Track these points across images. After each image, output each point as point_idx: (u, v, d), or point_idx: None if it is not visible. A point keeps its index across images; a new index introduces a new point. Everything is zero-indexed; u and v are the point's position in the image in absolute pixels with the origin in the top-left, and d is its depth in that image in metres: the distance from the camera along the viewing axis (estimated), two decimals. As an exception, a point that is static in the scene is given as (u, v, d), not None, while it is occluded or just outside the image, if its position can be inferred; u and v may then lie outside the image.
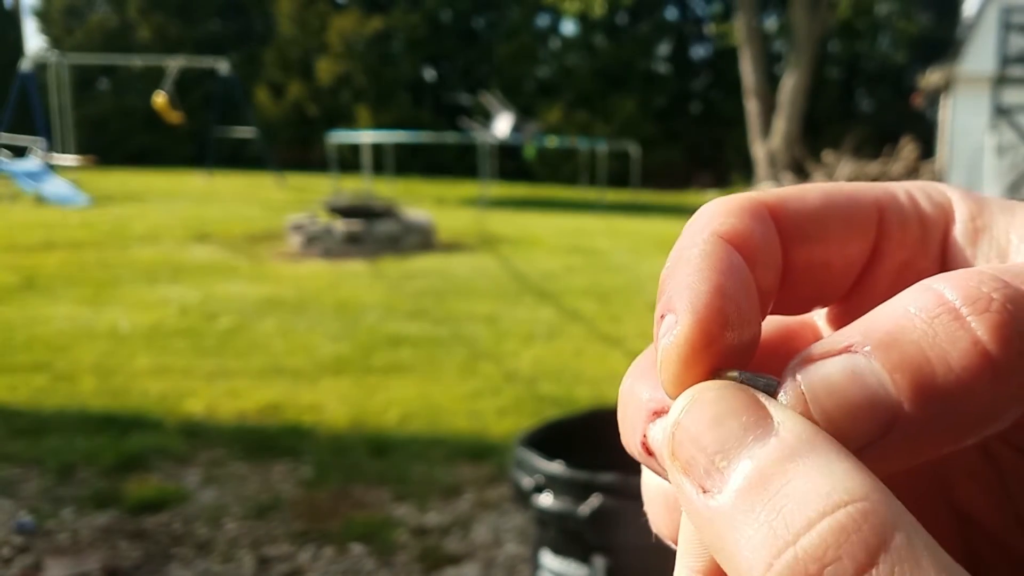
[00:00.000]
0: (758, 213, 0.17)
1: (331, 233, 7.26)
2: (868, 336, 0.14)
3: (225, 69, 14.53)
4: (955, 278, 0.14)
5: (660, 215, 11.42)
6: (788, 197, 0.17)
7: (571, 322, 4.81)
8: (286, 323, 4.58)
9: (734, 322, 0.15)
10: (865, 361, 0.14)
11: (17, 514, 2.34)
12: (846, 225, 0.17)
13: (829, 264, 0.17)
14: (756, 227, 0.17)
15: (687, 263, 0.16)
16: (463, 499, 2.48)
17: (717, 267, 0.16)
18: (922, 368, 0.13)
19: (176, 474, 2.62)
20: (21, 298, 5.10)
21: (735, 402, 0.14)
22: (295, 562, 2.13)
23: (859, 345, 0.14)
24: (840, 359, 0.14)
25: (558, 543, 1.49)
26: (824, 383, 0.14)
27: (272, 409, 3.21)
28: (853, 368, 0.14)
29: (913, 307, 0.14)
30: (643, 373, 0.17)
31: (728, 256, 0.16)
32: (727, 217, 0.17)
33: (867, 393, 0.14)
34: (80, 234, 7.73)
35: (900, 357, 0.14)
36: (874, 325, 0.14)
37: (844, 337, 0.14)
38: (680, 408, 0.15)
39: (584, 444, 1.70)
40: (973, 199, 0.18)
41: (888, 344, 0.14)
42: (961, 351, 0.13)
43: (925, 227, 0.18)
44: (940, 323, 0.13)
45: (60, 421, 3.01)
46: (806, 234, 0.17)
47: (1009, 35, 11.93)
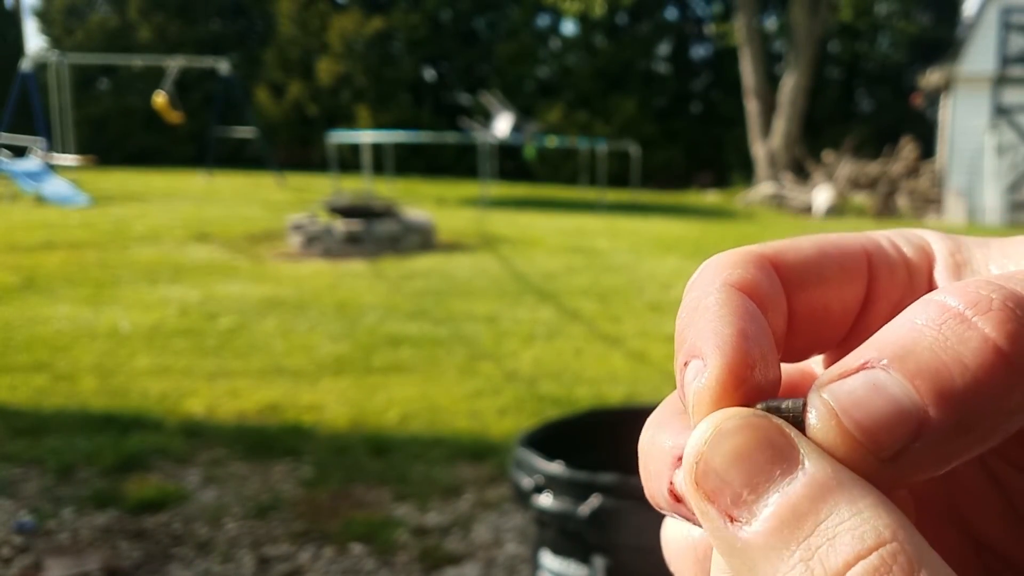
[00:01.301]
0: (761, 264, 0.18)
1: (331, 233, 7.26)
2: (882, 351, 0.15)
3: (225, 69, 14.53)
4: (953, 288, 0.15)
5: (660, 215, 11.41)
6: (785, 248, 0.18)
7: (571, 322, 4.80)
8: (286, 323, 4.58)
9: (759, 363, 0.16)
10: (884, 374, 0.14)
11: (17, 514, 2.34)
12: (841, 272, 0.18)
13: (828, 309, 0.18)
14: (763, 277, 0.17)
15: (706, 311, 0.16)
16: (463, 499, 2.48)
17: (736, 312, 0.16)
18: (940, 372, 0.14)
19: (176, 474, 2.62)
20: (21, 298, 5.10)
21: (758, 433, 0.15)
22: (295, 562, 2.13)
23: (875, 360, 0.14)
24: (860, 375, 0.15)
25: (558, 543, 1.49)
26: (851, 397, 0.14)
27: (272, 409, 3.21)
28: (875, 381, 0.14)
29: (919, 319, 0.15)
30: (662, 424, 0.17)
31: (744, 303, 0.17)
32: (735, 268, 0.17)
33: (893, 402, 0.14)
34: (80, 234, 7.73)
35: (917, 365, 0.14)
36: (886, 340, 0.15)
37: (859, 356, 0.15)
38: (702, 439, 0.15)
39: (584, 444, 1.70)
40: (950, 239, 0.19)
41: (903, 355, 0.14)
42: (974, 350, 0.14)
43: (911, 270, 0.19)
44: (949, 328, 0.14)
45: (60, 421, 3.01)
46: (805, 281, 0.18)
47: (1009, 35, 11.93)
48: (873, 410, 0.14)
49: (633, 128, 17.38)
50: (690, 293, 0.18)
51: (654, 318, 4.94)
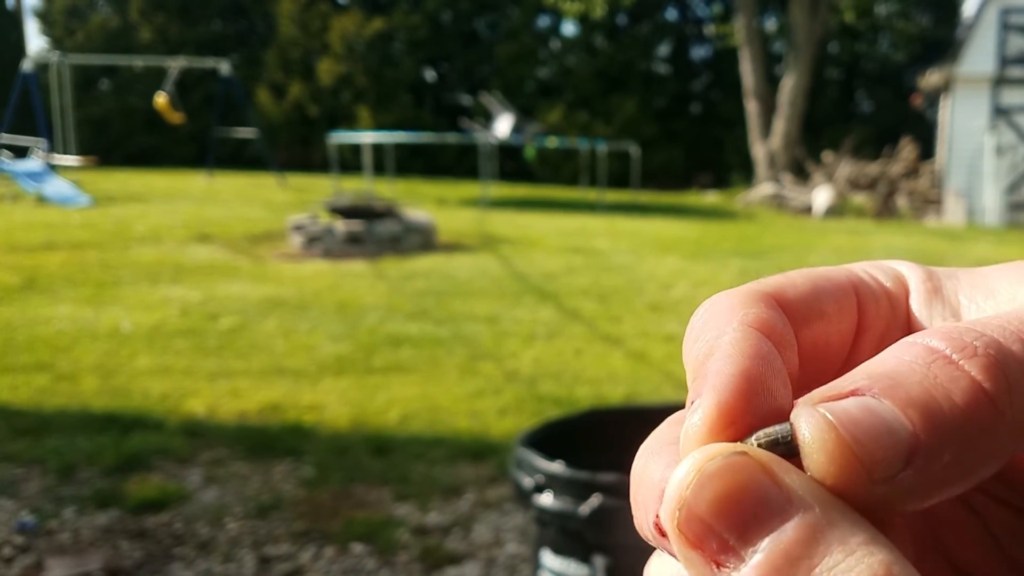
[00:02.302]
0: (769, 301, 0.18)
1: (332, 233, 7.26)
2: (873, 380, 0.15)
3: (226, 70, 14.53)
4: (938, 332, 0.15)
5: (660, 215, 11.41)
6: (783, 285, 0.19)
7: (571, 322, 4.81)
8: (287, 323, 4.58)
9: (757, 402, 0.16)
10: (876, 401, 0.15)
11: (19, 514, 2.34)
12: (837, 306, 0.19)
13: (829, 342, 0.19)
14: (776, 315, 0.18)
15: (718, 350, 0.17)
16: (464, 499, 2.48)
17: (746, 352, 0.16)
18: (930, 404, 0.14)
19: (177, 474, 2.62)
20: (23, 298, 5.11)
21: (742, 474, 0.14)
22: (296, 562, 2.13)
23: (865, 388, 0.15)
24: (852, 399, 0.15)
25: (558, 543, 1.49)
26: (847, 414, 0.15)
27: (273, 409, 3.21)
28: (867, 405, 0.15)
29: (907, 356, 0.15)
30: (653, 451, 0.17)
31: (759, 342, 0.17)
32: (751, 307, 0.17)
33: (886, 425, 0.14)
34: (81, 234, 7.74)
35: (908, 396, 0.14)
36: (875, 371, 0.15)
37: (848, 382, 0.15)
38: (684, 483, 0.15)
39: (584, 444, 1.70)
40: (921, 269, 0.20)
41: (894, 386, 0.15)
42: (962, 389, 0.14)
43: (891, 301, 0.19)
44: (937, 367, 0.15)
45: (61, 421, 3.01)
46: (807, 317, 0.18)
47: (1008, 36, 11.93)
48: (869, 429, 0.14)
49: (633, 129, 17.38)
50: (705, 331, 0.17)
51: (654, 318, 4.94)
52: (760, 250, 8.07)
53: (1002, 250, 8.87)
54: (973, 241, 9.67)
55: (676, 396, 3.44)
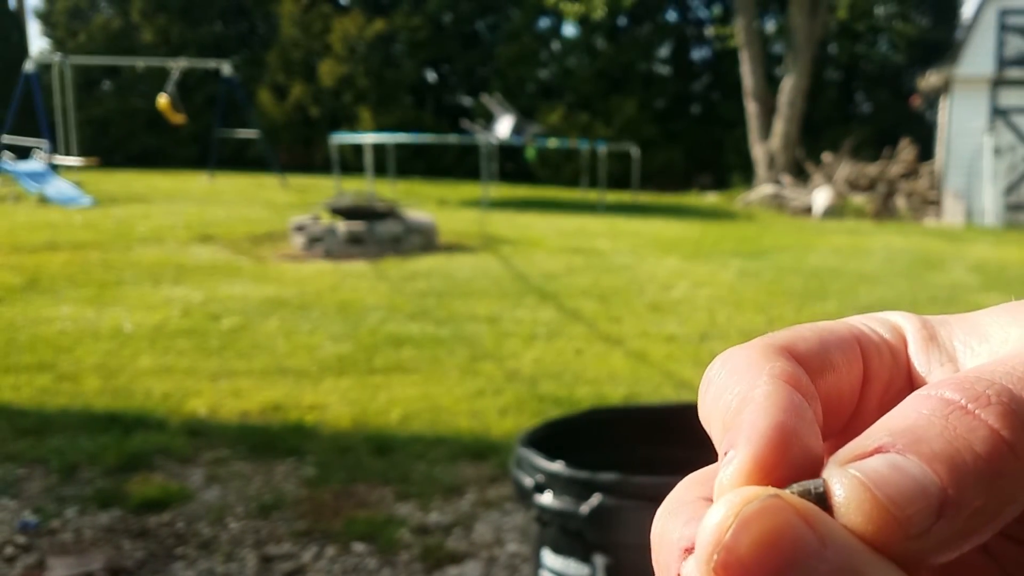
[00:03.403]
0: (787, 355, 0.18)
1: (334, 234, 7.27)
2: (895, 436, 0.15)
3: (228, 71, 14.55)
4: (952, 384, 0.16)
5: (660, 216, 11.41)
6: (794, 339, 0.19)
7: (572, 322, 4.81)
8: (289, 323, 4.59)
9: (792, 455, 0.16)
10: (902, 457, 0.15)
11: (21, 513, 2.35)
12: (844, 357, 0.19)
13: (840, 394, 0.19)
14: (798, 367, 0.18)
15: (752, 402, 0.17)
16: (465, 498, 2.49)
17: (779, 405, 0.17)
18: (954, 457, 0.15)
19: (179, 473, 2.63)
20: (25, 298, 5.12)
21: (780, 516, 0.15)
22: (298, 561, 2.14)
23: (889, 445, 0.15)
24: (878, 457, 0.15)
25: (559, 542, 1.49)
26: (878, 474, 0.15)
27: (275, 409, 3.22)
28: (894, 463, 0.15)
29: (925, 410, 0.16)
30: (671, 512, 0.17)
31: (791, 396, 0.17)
32: (775, 360, 0.18)
33: (916, 481, 0.15)
34: (84, 235, 7.75)
35: (932, 450, 0.15)
36: (896, 427, 0.16)
37: (871, 440, 0.16)
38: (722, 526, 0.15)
39: (585, 443, 1.71)
40: (916, 318, 0.21)
41: (917, 441, 0.15)
42: (982, 438, 0.15)
43: (892, 351, 0.20)
44: (955, 418, 0.15)
45: (64, 421, 3.02)
46: (819, 369, 0.19)
47: (1006, 37, 11.93)
48: (901, 486, 0.15)
49: (633, 130, 17.38)
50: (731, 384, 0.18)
51: (654, 318, 4.95)
52: (760, 250, 8.07)
53: (1000, 251, 8.86)
54: (972, 242, 9.66)
55: (676, 396, 3.45)
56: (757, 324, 4.88)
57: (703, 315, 5.07)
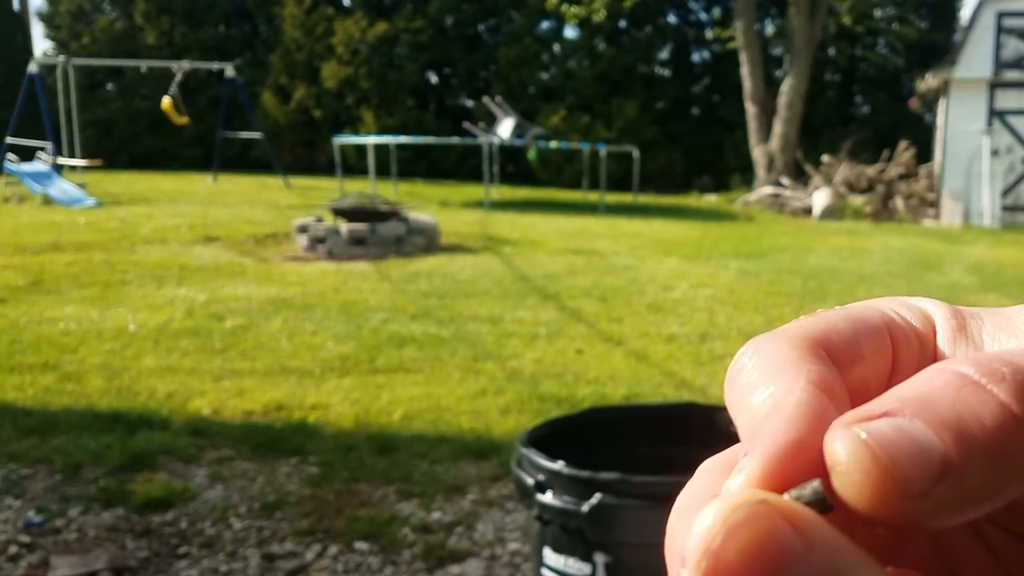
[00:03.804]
0: (821, 353, 0.18)
1: (336, 235, 7.29)
2: (904, 403, 0.16)
3: (231, 73, 14.59)
4: (967, 359, 0.17)
5: (661, 217, 11.41)
6: (828, 330, 0.19)
7: (573, 322, 4.82)
8: (292, 324, 4.61)
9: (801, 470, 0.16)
10: (908, 422, 0.15)
11: (25, 513, 2.36)
12: (874, 348, 0.19)
13: (867, 385, 0.19)
14: (832, 372, 0.18)
15: (782, 410, 0.17)
16: (467, 497, 2.50)
17: (809, 421, 0.17)
18: (961, 426, 0.15)
19: (183, 473, 2.64)
20: (29, 299, 5.14)
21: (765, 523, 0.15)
22: (301, 559, 2.15)
23: (897, 410, 0.16)
24: (884, 420, 0.16)
25: (560, 541, 1.50)
26: (881, 434, 0.15)
27: (278, 408, 3.23)
28: (899, 426, 0.15)
29: (938, 382, 0.16)
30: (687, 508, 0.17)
31: (823, 406, 0.17)
32: (812, 362, 0.18)
33: (919, 444, 0.15)
34: (88, 235, 7.77)
35: (939, 417, 0.15)
36: (906, 395, 0.16)
37: (880, 405, 0.16)
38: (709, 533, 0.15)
39: (586, 443, 1.72)
40: (946, 307, 0.21)
41: (926, 408, 0.16)
42: (991, 411, 0.16)
43: (920, 339, 0.20)
44: (968, 391, 0.16)
45: (68, 420, 3.03)
46: (850, 361, 0.19)
47: (1004, 39, 11.93)
48: (904, 447, 0.15)
49: (634, 131, 17.38)
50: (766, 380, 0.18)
51: (655, 318, 4.95)
52: (759, 251, 8.07)
53: (998, 251, 8.85)
54: (969, 243, 9.65)
55: (676, 395, 3.46)
56: (757, 324, 4.88)
57: (703, 315, 5.07)
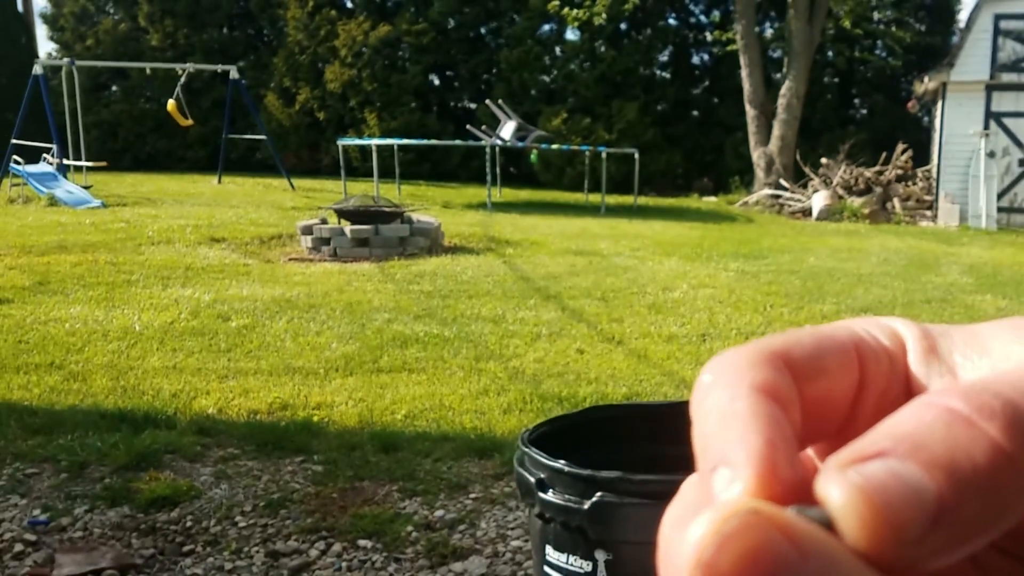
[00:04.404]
0: (775, 363, 0.19)
1: (340, 236, 7.31)
2: (896, 442, 0.16)
3: (235, 75, 14.65)
4: (957, 393, 0.16)
5: (661, 218, 11.42)
6: (790, 344, 0.19)
7: (574, 322, 4.84)
8: (297, 324, 4.63)
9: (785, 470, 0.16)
10: (901, 463, 0.15)
11: (30, 511, 2.38)
12: (839, 363, 0.19)
13: (831, 400, 0.19)
14: (782, 377, 0.18)
15: (736, 418, 0.17)
16: (469, 495, 2.51)
17: (765, 420, 0.17)
18: (953, 466, 0.15)
19: (188, 471, 2.66)
20: (35, 299, 5.17)
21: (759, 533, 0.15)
22: (305, 557, 2.17)
23: (890, 450, 0.15)
24: (878, 462, 0.15)
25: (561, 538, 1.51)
26: (877, 478, 0.15)
27: (283, 407, 3.25)
28: (892, 469, 0.15)
29: (928, 417, 0.16)
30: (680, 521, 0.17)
31: (771, 409, 0.17)
32: (759, 370, 0.18)
33: (913, 488, 0.15)
34: (93, 236, 7.81)
35: (931, 457, 0.15)
36: (898, 433, 0.16)
37: (872, 444, 0.16)
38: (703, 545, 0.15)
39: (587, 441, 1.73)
40: (917, 327, 0.21)
41: (917, 447, 0.15)
42: (983, 449, 0.15)
43: (891, 358, 0.20)
44: (958, 427, 0.16)
45: (73, 419, 3.05)
46: (812, 375, 0.19)
47: (1001, 42, 11.93)
48: (898, 493, 0.15)
49: (634, 133, 17.38)
50: (716, 392, 0.18)
51: (655, 318, 4.97)
52: (759, 252, 8.07)
53: (994, 252, 8.85)
54: (966, 244, 9.65)
55: (676, 394, 3.47)
56: (756, 324, 4.89)
57: (703, 315, 5.08)
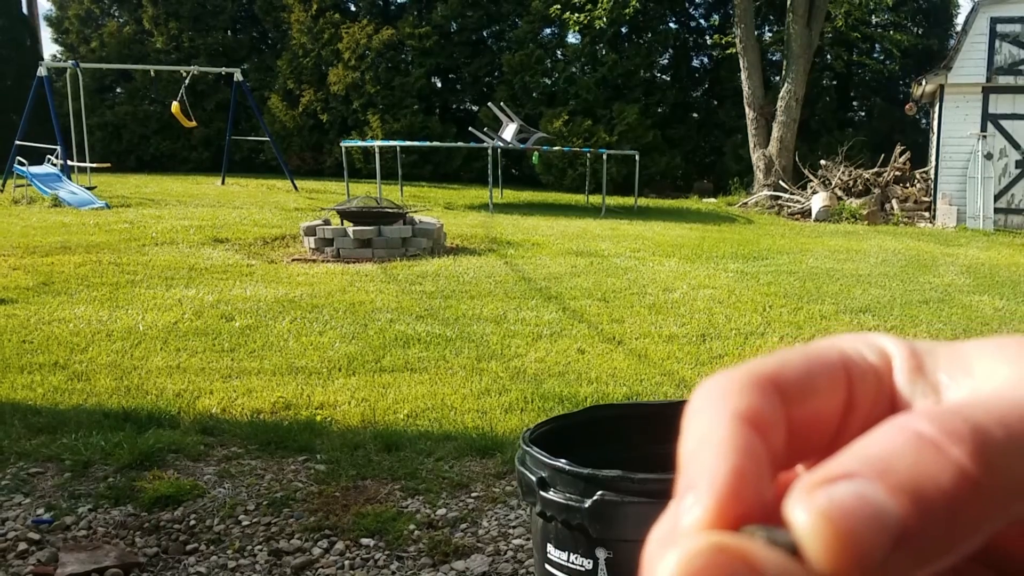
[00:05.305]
0: (764, 387, 0.19)
1: (343, 236, 7.33)
2: (864, 465, 0.16)
3: (239, 77, 14.70)
4: (927, 417, 0.17)
5: (661, 219, 11.42)
6: (780, 366, 0.20)
7: (575, 323, 4.84)
8: (300, 324, 4.64)
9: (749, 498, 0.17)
10: (868, 485, 0.16)
11: (34, 510, 2.39)
12: (828, 383, 0.20)
13: (819, 420, 0.20)
14: (766, 402, 0.18)
15: (710, 445, 0.18)
16: (471, 494, 2.52)
17: (736, 448, 0.17)
18: (918, 490, 0.15)
19: (192, 470, 2.67)
20: (39, 299, 5.19)
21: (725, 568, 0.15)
22: (308, 555, 2.18)
23: (857, 472, 0.16)
24: (844, 484, 0.16)
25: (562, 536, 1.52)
26: (840, 502, 0.15)
27: (286, 407, 3.27)
28: (859, 492, 0.16)
29: (899, 440, 0.16)
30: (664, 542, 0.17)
31: (746, 437, 0.18)
32: (742, 396, 0.18)
33: (877, 511, 0.15)
34: (97, 237, 7.83)
35: (897, 481, 0.16)
36: (867, 456, 0.16)
37: (840, 466, 0.16)
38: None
39: (587, 440, 1.74)
40: (904, 345, 0.21)
41: (885, 470, 0.16)
42: (949, 475, 0.16)
43: (877, 376, 0.20)
44: (926, 451, 0.16)
45: (77, 419, 3.06)
46: (800, 396, 0.19)
47: (998, 44, 11.93)
48: (861, 516, 0.15)
49: (635, 136, 17.39)
50: (699, 416, 0.18)
51: (655, 319, 4.97)
52: (758, 253, 8.07)
53: (991, 253, 8.85)
54: (963, 245, 9.65)
55: (676, 394, 3.48)
56: (755, 325, 4.90)
57: (703, 316, 5.09)
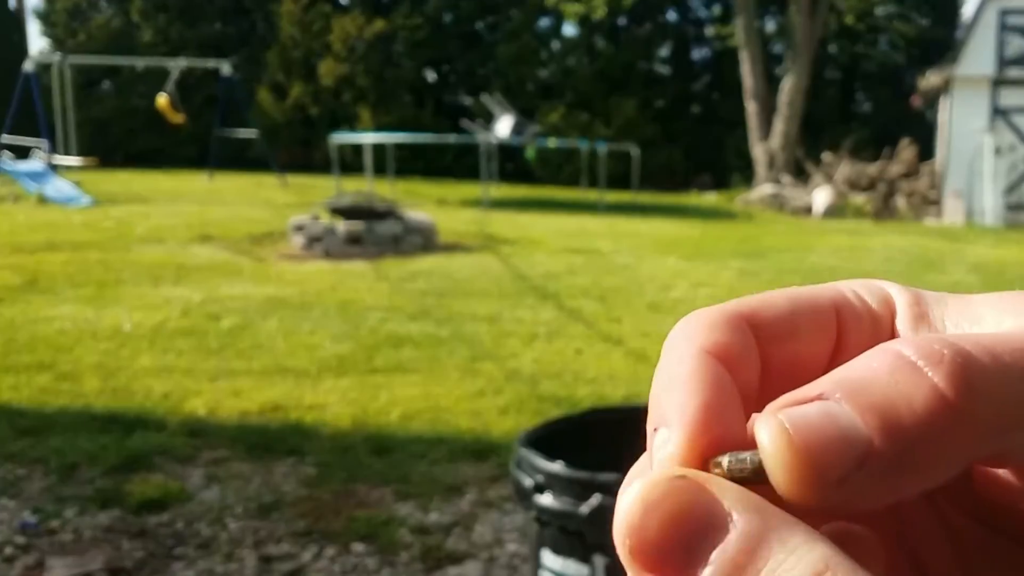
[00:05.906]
0: (736, 324, 0.19)
1: (333, 234, 7.27)
2: (837, 386, 0.16)
3: (227, 70, 14.56)
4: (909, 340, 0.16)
5: (660, 216, 11.42)
6: (760, 305, 0.19)
7: (572, 322, 4.81)
8: (289, 323, 4.59)
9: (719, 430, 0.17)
10: (837, 405, 0.15)
11: (20, 513, 2.35)
12: (813, 325, 0.19)
13: (801, 362, 0.19)
14: (736, 338, 0.18)
15: (678, 380, 0.18)
16: (465, 498, 2.49)
17: (705, 381, 0.17)
18: (888, 411, 0.15)
19: (179, 473, 2.63)
20: (24, 298, 5.12)
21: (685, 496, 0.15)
22: (297, 561, 2.14)
23: (829, 393, 0.16)
24: (815, 404, 0.16)
25: (558, 542, 1.49)
26: (805, 420, 0.15)
27: (275, 409, 3.22)
28: (827, 410, 0.15)
29: (875, 363, 0.16)
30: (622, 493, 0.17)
31: (714, 371, 0.18)
32: (710, 332, 0.18)
33: (842, 430, 0.15)
34: (83, 235, 7.75)
35: (868, 401, 0.15)
36: (841, 378, 0.16)
37: (814, 388, 0.16)
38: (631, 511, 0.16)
39: (584, 443, 1.71)
40: (909, 291, 0.20)
41: (857, 391, 0.15)
42: (923, 396, 0.15)
43: (875, 321, 0.20)
44: (902, 374, 0.15)
45: (63, 420, 3.02)
46: (779, 336, 0.19)
47: (1006, 37, 11.96)
48: (824, 434, 0.15)
49: (633, 129, 17.39)
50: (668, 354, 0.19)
51: (654, 318, 4.95)
52: (760, 250, 8.07)
53: (1000, 250, 8.87)
54: (972, 241, 9.67)
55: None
56: (757, 324, 4.88)
57: (703, 315, 5.07)
